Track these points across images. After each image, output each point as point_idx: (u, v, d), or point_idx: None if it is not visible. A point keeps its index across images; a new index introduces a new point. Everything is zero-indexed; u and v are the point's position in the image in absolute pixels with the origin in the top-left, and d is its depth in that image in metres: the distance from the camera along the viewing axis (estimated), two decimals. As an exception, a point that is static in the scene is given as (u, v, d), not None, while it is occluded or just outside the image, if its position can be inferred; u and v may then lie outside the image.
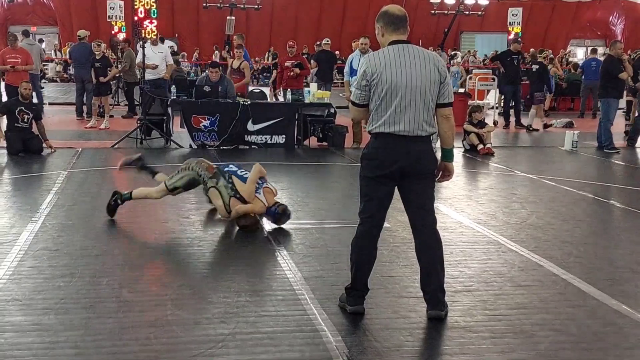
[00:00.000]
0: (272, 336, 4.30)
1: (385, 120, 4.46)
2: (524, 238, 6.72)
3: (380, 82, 4.43)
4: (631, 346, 4.28)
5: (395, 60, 4.44)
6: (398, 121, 4.44)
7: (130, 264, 5.67)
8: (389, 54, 4.48)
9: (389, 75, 4.42)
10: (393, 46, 4.51)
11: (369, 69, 4.47)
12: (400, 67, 4.43)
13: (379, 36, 4.63)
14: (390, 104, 4.44)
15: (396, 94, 4.42)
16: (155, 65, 14.14)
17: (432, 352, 4.14)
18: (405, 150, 4.48)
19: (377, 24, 4.62)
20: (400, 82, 4.41)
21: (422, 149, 4.54)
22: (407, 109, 4.44)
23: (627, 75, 13.10)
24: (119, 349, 4.06)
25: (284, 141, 12.64)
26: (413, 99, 4.44)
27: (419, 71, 4.44)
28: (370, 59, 4.52)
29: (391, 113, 4.44)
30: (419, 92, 4.44)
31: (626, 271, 5.82)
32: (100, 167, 10.19)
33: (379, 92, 4.45)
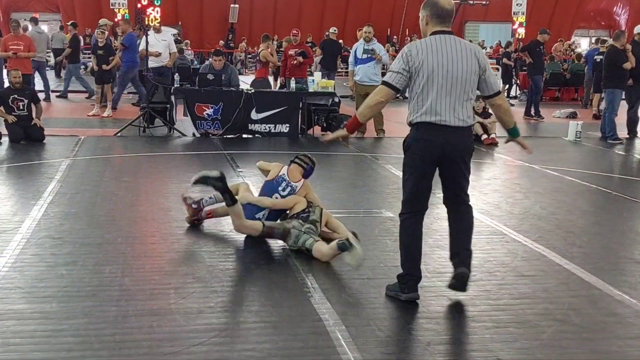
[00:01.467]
0: (275, 325, 4.30)
1: (426, 109, 4.48)
2: (528, 228, 6.70)
3: (422, 70, 4.45)
4: (634, 336, 4.27)
5: (437, 50, 4.47)
6: (438, 111, 4.48)
7: (133, 253, 5.67)
8: (431, 44, 4.50)
9: (431, 64, 4.44)
10: (436, 36, 4.53)
11: (412, 56, 4.46)
12: (442, 57, 4.46)
13: (422, 23, 4.63)
14: (430, 93, 4.46)
15: (436, 83, 4.45)
16: (159, 52, 14.10)
17: (435, 341, 4.12)
18: (446, 140, 4.52)
19: (423, 11, 4.60)
20: (441, 71, 4.44)
21: (462, 139, 4.60)
22: (447, 99, 4.48)
23: (631, 66, 13.02)
24: (121, 337, 4.06)
25: (287, 130, 12.61)
26: (453, 89, 4.48)
27: (459, 62, 4.48)
28: (413, 46, 4.51)
29: (432, 102, 4.47)
30: (458, 82, 4.49)
31: (629, 261, 5.81)
32: (103, 155, 10.18)
33: (419, 80, 4.46)
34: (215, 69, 13.02)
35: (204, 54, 31.29)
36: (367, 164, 10.40)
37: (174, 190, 8.00)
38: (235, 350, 3.92)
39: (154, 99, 12.82)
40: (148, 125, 12.44)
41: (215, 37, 35.40)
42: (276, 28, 36.12)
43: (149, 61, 13.48)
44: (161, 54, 14.24)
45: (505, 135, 5.30)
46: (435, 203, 7.77)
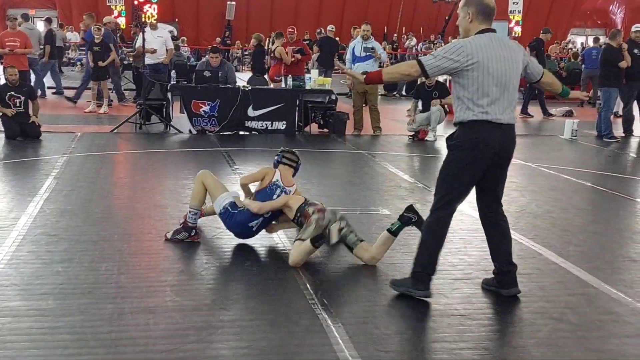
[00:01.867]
0: (272, 323, 4.30)
1: (482, 108, 4.46)
2: (524, 226, 6.71)
3: (477, 68, 4.43)
4: (630, 334, 4.28)
5: (491, 49, 4.46)
6: (494, 109, 4.47)
7: (129, 250, 5.66)
8: (484, 43, 4.47)
9: (486, 63, 4.43)
10: (486, 34, 4.51)
11: (466, 53, 4.42)
12: (495, 56, 4.45)
13: (465, 21, 4.60)
14: (486, 91, 4.45)
15: (492, 82, 4.44)
16: (154, 50, 14.07)
17: (431, 339, 4.13)
18: (500, 139, 4.53)
19: (467, 8, 4.58)
20: (496, 70, 4.44)
21: (512, 137, 4.63)
22: (501, 97, 4.48)
23: (627, 64, 13.05)
24: (117, 334, 4.05)
25: (284, 127, 12.61)
26: (506, 87, 4.50)
27: (510, 60, 4.51)
28: (466, 44, 4.46)
29: (487, 101, 4.46)
30: (510, 80, 4.51)
31: (625, 260, 5.82)
32: (99, 152, 10.16)
33: (474, 77, 4.45)
34: (211, 66, 13.01)
35: (200, 51, 31.23)
36: (363, 161, 10.40)
37: (171, 188, 7.99)
38: (231, 348, 3.92)
39: (150, 96, 12.80)
40: (144, 122, 12.43)
41: (212, 34, 35.35)
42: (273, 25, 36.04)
43: (145, 58, 13.44)
44: (157, 51, 14.21)
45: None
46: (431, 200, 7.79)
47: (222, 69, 12.97)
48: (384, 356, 3.87)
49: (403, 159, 10.81)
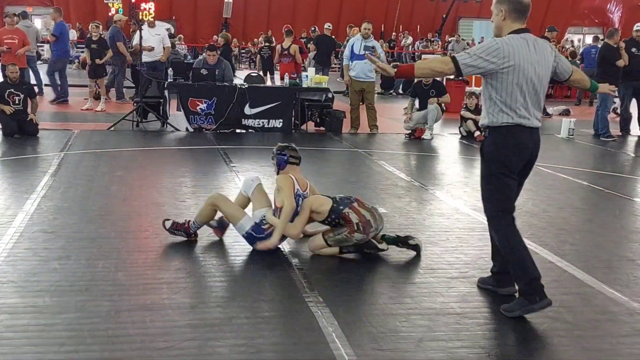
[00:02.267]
0: (268, 321, 4.31)
1: (516, 112, 4.37)
2: (520, 225, 6.59)
3: (512, 71, 4.31)
4: (625, 334, 4.29)
5: (525, 52, 4.35)
6: (529, 113, 4.40)
7: (126, 248, 5.67)
8: (519, 44, 4.35)
9: (522, 66, 4.33)
10: (520, 35, 4.40)
11: (503, 55, 4.29)
12: (530, 59, 4.36)
13: (498, 18, 4.47)
14: (521, 95, 4.36)
15: (526, 85, 4.36)
16: (152, 47, 14.06)
17: (427, 337, 4.14)
18: (533, 143, 4.48)
19: (500, 5, 4.45)
20: (530, 73, 4.36)
21: (539, 140, 4.56)
22: (535, 100, 4.42)
23: (624, 63, 13.07)
24: (114, 331, 4.06)
25: (281, 125, 12.62)
26: (540, 90, 4.43)
27: (543, 63, 4.43)
28: (503, 44, 4.32)
29: (522, 105, 4.37)
30: (542, 83, 4.44)
31: (621, 259, 5.84)
32: (96, 150, 10.15)
33: (509, 81, 4.34)
34: (209, 64, 13.01)
35: (197, 49, 31.22)
36: (360, 159, 10.41)
37: (168, 185, 8.00)
38: (227, 346, 3.92)
39: (147, 94, 12.80)
40: (141, 120, 12.42)
41: (209, 32, 35.33)
42: (270, 23, 36.08)
43: (142, 56, 13.43)
44: (154, 49, 14.20)
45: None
46: (428, 199, 7.82)
47: (219, 66, 12.97)
48: (380, 354, 3.88)
49: (400, 158, 10.82)
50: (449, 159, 11.11)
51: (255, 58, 33.03)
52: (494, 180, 4.49)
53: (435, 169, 10.27)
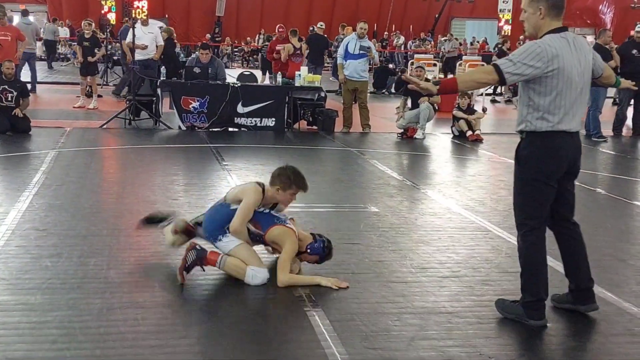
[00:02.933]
0: (261, 319, 4.32)
1: (560, 117, 4.19)
2: (512, 224, 6.62)
3: (556, 75, 4.13)
4: (616, 333, 4.31)
5: (568, 53, 4.17)
6: (571, 118, 4.22)
7: (118, 245, 5.66)
8: (561, 45, 4.16)
9: (566, 69, 4.14)
10: (561, 35, 4.22)
11: (546, 58, 4.11)
12: (573, 60, 4.18)
13: (535, 17, 4.27)
14: (564, 99, 4.17)
15: (571, 88, 4.18)
16: (145, 45, 14.04)
17: (419, 336, 4.15)
18: (575, 149, 4.34)
19: (537, 3, 4.25)
20: (574, 76, 4.18)
21: (580, 144, 4.42)
22: (578, 104, 4.24)
23: (615, 64, 13.11)
24: (105, 329, 4.06)
25: (273, 124, 12.62)
26: (582, 93, 4.27)
27: (584, 63, 4.26)
28: (545, 46, 4.13)
29: (566, 110, 4.19)
30: (585, 85, 4.29)
31: (613, 259, 5.86)
32: (88, 147, 10.14)
33: (552, 85, 4.15)
34: (201, 62, 13.00)
35: (190, 47, 31.19)
36: (352, 158, 10.42)
37: (160, 183, 7.99)
38: (219, 344, 3.93)
39: (140, 92, 12.78)
40: (134, 118, 12.41)
41: (202, 31, 35.30)
42: (263, 22, 36.08)
43: (135, 54, 13.41)
44: (148, 47, 14.17)
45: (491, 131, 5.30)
46: (420, 198, 7.84)
47: (211, 65, 12.96)
48: (371, 353, 3.90)
49: (392, 157, 10.84)
50: (441, 158, 11.13)
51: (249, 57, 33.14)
52: (528, 187, 4.31)
53: (428, 169, 10.30)
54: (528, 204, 4.35)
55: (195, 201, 7.16)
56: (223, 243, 4.98)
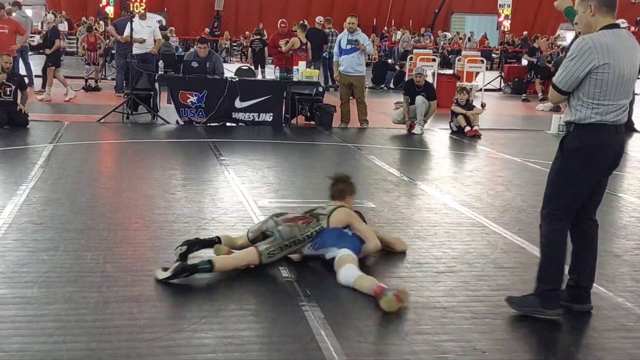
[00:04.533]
0: (255, 313, 4.34)
1: (608, 110, 4.19)
2: (508, 220, 6.77)
3: (606, 69, 4.13)
4: (609, 328, 4.34)
5: (619, 48, 4.17)
6: (619, 112, 4.24)
7: (115, 239, 5.67)
8: (612, 41, 4.16)
9: (616, 64, 4.14)
10: (612, 31, 4.21)
11: (596, 54, 4.11)
12: (623, 54, 4.18)
13: (587, 15, 4.25)
14: (612, 93, 4.18)
15: (619, 83, 4.18)
16: (143, 39, 14.02)
17: (413, 331, 4.17)
18: (620, 144, 4.34)
19: (587, 1, 4.23)
20: (623, 71, 4.18)
21: (624, 139, 4.40)
22: (624, 98, 4.25)
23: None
24: (101, 323, 4.08)
25: (271, 119, 12.62)
26: (631, 89, 4.29)
27: (634, 58, 4.26)
28: (595, 42, 4.13)
29: (612, 103, 4.19)
30: (633, 80, 4.29)
31: (607, 255, 5.88)
32: (86, 142, 10.15)
33: (603, 80, 4.15)
34: (200, 57, 13.00)
35: (189, 41, 31.15)
36: (350, 154, 10.44)
37: (157, 178, 8.01)
38: (214, 337, 3.94)
39: (138, 86, 12.78)
40: (132, 112, 12.40)
41: (201, 25, 35.25)
42: (262, 16, 36.02)
43: (133, 48, 13.40)
44: (146, 41, 14.16)
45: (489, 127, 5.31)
46: (417, 194, 7.86)
47: (210, 59, 12.96)
48: (366, 347, 3.92)
49: (389, 152, 10.86)
50: (438, 154, 11.15)
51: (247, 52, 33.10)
52: (568, 178, 4.30)
53: (425, 164, 10.31)
54: (563, 195, 4.34)
55: (193, 196, 7.17)
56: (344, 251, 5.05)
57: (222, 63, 14.03)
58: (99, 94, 16.33)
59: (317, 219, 5.28)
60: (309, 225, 5.22)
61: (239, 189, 7.51)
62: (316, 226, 5.22)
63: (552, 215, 4.38)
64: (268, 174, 8.57)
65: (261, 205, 6.82)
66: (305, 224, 5.23)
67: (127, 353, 3.72)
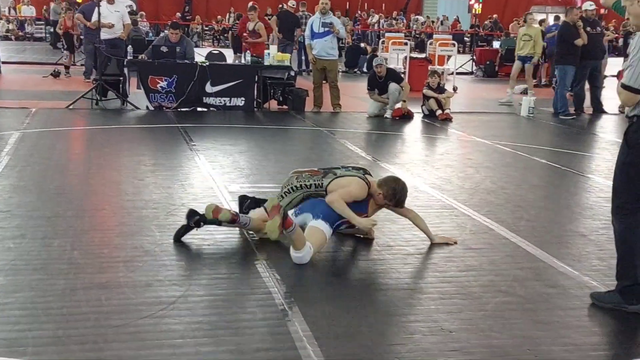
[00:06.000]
0: (224, 298, 4.33)
1: None
2: (477, 202, 6.81)
3: None
4: (575, 307, 4.39)
5: None
6: None
7: (83, 226, 5.63)
8: None
9: None
10: None
11: None
12: None
13: (635, 6, 4.20)
14: None
15: None
16: (112, 24, 13.86)
17: (381, 312, 4.19)
18: None
19: None
20: None
21: None
22: None
23: (582, 42, 13.19)
24: (68, 310, 4.04)
25: (243, 104, 12.56)
26: None
27: None
28: None
29: None
30: None
31: (574, 235, 5.95)
32: (54, 128, 10.02)
33: None
34: (171, 42, 12.88)
35: (160, 26, 30.84)
36: (322, 138, 10.42)
37: (126, 164, 7.95)
38: (182, 323, 3.93)
39: (106, 71, 12.64)
40: (101, 98, 12.27)
41: (172, 9, 34.92)
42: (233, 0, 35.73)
43: (101, 33, 13.24)
44: (114, 26, 14.00)
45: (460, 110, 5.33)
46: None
47: (180, 44, 12.85)
48: (334, 329, 3.92)
49: (362, 136, 10.86)
50: (410, 137, 11.18)
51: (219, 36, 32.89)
52: (634, 170, 4.22)
53: (397, 148, 10.33)
54: (631, 188, 4.27)
55: (162, 182, 7.12)
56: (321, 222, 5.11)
57: (193, 48, 13.92)
58: (68, 80, 16.13)
59: (324, 175, 5.38)
60: (312, 177, 5.37)
61: (210, 175, 7.48)
62: (318, 180, 5.31)
63: (622, 209, 4.33)
64: (239, 158, 8.54)
65: (232, 191, 6.79)
66: (310, 174, 5.41)
67: (93, 340, 3.69)
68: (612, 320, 4.22)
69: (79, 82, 15.30)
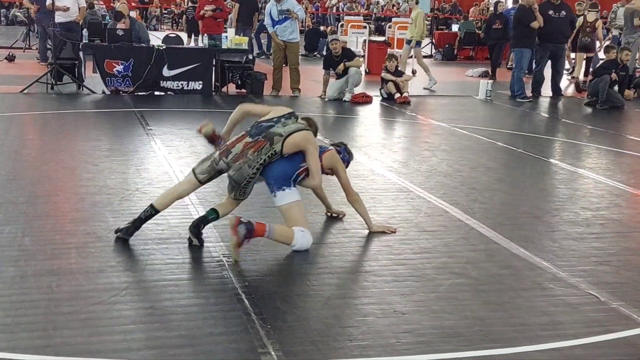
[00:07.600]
0: (177, 283, 4.30)
1: None
2: (433, 185, 6.86)
3: None
4: (526, 287, 4.45)
5: None
6: None
7: (35, 212, 5.54)
8: None
9: None
10: None
11: None
12: None
13: None
14: None
15: None
16: (67, 7, 13.61)
17: (335, 295, 4.21)
18: None
19: None
20: None
21: None
22: None
23: (539, 25, 13.29)
24: (18, 297, 3.99)
25: (200, 87, 12.45)
26: None
27: None
28: None
29: None
30: None
31: (528, 216, 6.03)
32: (7, 113, 9.83)
33: None
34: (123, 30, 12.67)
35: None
36: (280, 122, 10.37)
37: (81, 149, 7.84)
38: (135, 309, 3.90)
39: (61, 55, 12.42)
40: (56, 82, 12.06)
41: (130, -8, 34.37)
42: (193, -17, 35.32)
43: (56, 16, 12.98)
44: (69, 9, 13.74)
45: (418, 94, 5.33)
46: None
47: (132, 27, 12.66)
48: (288, 313, 3.93)
49: (319, 120, 10.80)
50: (368, 120, 11.19)
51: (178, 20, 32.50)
52: None
53: (354, 131, 10.34)
54: None
55: (117, 167, 7.04)
56: (285, 193, 4.95)
57: (146, 30, 13.74)
58: (22, 64, 15.81)
59: (271, 142, 4.95)
60: (261, 153, 4.92)
61: (166, 159, 7.41)
62: (269, 151, 4.94)
63: None
64: (196, 143, 8.45)
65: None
66: (256, 151, 4.92)
67: (43, 327, 3.65)
68: (562, 301, 4.29)
69: (34, 66, 15.01)
